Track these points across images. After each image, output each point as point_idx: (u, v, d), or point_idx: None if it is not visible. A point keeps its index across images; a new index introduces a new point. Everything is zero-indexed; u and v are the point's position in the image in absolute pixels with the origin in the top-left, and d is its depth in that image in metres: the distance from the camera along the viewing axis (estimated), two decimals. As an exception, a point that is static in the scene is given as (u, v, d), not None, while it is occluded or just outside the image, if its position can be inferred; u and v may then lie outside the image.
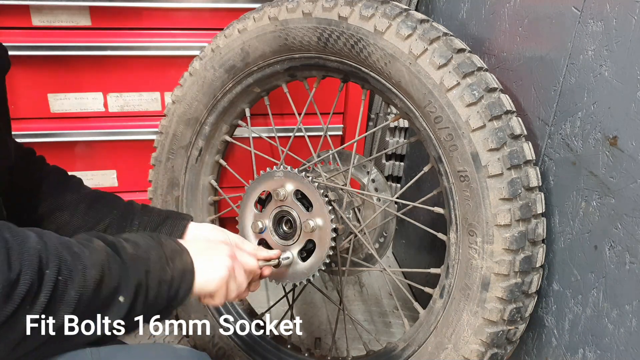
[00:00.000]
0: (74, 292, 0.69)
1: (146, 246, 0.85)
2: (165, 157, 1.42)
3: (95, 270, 0.73)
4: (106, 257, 0.77)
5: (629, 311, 0.87)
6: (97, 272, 0.73)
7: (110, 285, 0.75)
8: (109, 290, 0.75)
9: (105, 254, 0.77)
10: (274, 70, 1.27)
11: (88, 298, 0.71)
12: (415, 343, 1.20)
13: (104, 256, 0.76)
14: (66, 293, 0.68)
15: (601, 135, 0.91)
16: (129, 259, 0.80)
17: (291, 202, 1.17)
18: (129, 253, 0.81)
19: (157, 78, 1.66)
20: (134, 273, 0.79)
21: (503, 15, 1.20)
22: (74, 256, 0.72)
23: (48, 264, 0.67)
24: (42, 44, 1.52)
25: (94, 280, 0.72)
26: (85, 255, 0.73)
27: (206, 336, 1.46)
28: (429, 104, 1.04)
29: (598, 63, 0.91)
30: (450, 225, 1.11)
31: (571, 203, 1.01)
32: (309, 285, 1.36)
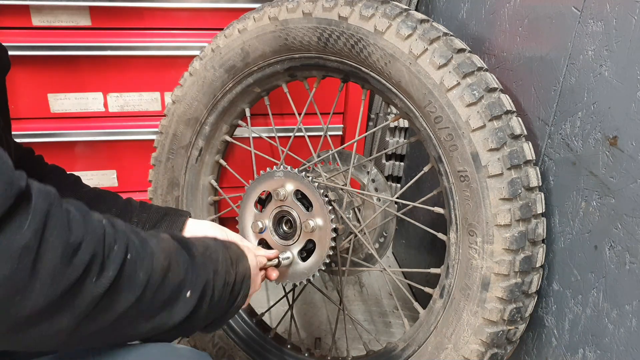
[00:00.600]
0: (142, 274, 0.66)
1: (214, 247, 0.84)
2: (165, 157, 1.42)
3: (164, 257, 0.71)
4: (174, 249, 0.75)
5: (629, 311, 0.87)
6: (165, 260, 0.71)
7: (177, 277, 0.73)
8: (176, 281, 0.72)
9: (174, 247, 0.75)
10: (274, 70, 1.27)
11: (156, 284, 0.69)
12: (415, 343, 1.20)
13: (173, 247, 0.74)
14: (135, 273, 0.65)
15: (601, 135, 0.91)
16: (198, 255, 0.78)
17: (291, 202, 1.17)
18: (198, 250, 0.79)
19: (157, 78, 1.66)
20: (202, 270, 0.78)
21: (503, 15, 1.20)
22: (142, 240, 0.69)
23: (116, 240, 0.64)
24: (42, 44, 1.52)
25: (162, 267, 0.70)
26: (153, 242, 0.71)
27: (206, 336, 1.47)
28: (429, 104, 1.04)
29: (598, 63, 0.91)
30: (450, 225, 1.11)
31: (571, 203, 1.01)
32: (309, 285, 1.36)
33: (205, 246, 0.82)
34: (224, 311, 0.84)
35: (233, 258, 0.87)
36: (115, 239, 0.65)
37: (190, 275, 0.75)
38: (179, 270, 0.73)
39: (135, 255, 0.66)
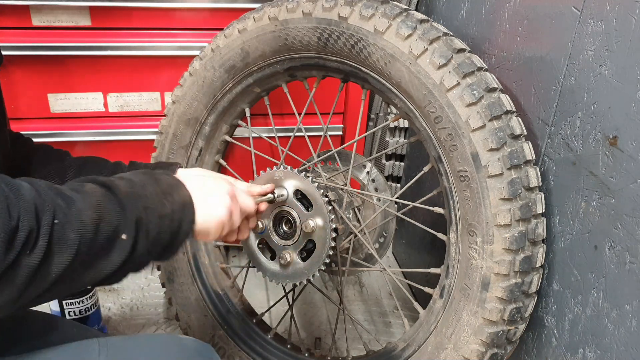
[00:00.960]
0: (73, 234, 0.68)
1: (141, 182, 0.83)
2: (165, 157, 1.42)
3: (92, 211, 0.72)
4: (101, 197, 0.75)
5: (629, 311, 0.87)
6: (93, 213, 0.72)
7: (109, 225, 0.74)
8: (108, 229, 0.73)
9: (100, 195, 0.75)
10: (274, 70, 1.27)
11: (89, 239, 0.71)
12: (415, 343, 1.20)
13: (99, 197, 0.75)
14: (65, 235, 0.68)
15: (601, 135, 0.91)
16: (124, 197, 0.77)
17: (291, 202, 1.17)
18: (123, 191, 0.78)
19: (157, 78, 1.66)
20: (131, 210, 0.77)
21: (503, 15, 1.20)
22: (68, 200, 0.71)
23: (44, 210, 0.66)
24: (42, 44, 1.52)
25: (92, 220, 0.71)
26: (79, 199, 0.72)
27: (206, 336, 1.47)
28: (429, 104, 1.04)
29: (598, 63, 0.91)
30: (450, 225, 1.11)
31: (571, 203, 1.01)
32: (309, 285, 1.36)
33: (131, 184, 0.81)
34: (169, 242, 0.84)
35: (165, 189, 0.85)
36: (42, 207, 0.67)
37: (121, 217, 0.76)
38: (110, 218, 0.74)
39: (62, 218, 0.68)
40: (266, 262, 1.23)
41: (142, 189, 0.82)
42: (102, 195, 0.76)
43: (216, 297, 1.47)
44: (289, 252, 1.19)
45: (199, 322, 1.47)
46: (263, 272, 1.25)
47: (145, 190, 0.82)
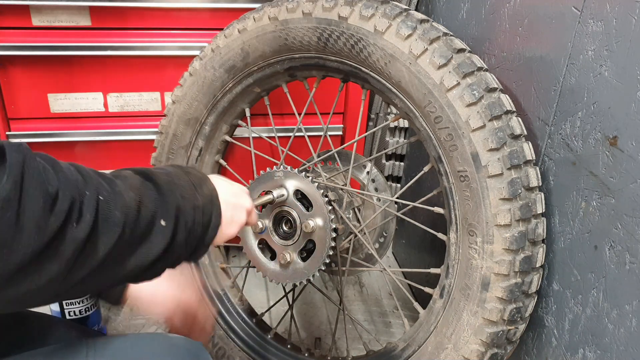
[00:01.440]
0: (118, 212, 0.67)
1: (175, 173, 0.83)
2: (165, 157, 1.42)
3: (134, 193, 0.71)
4: (140, 183, 0.75)
5: (629, 311, 0.87)
6: (135, 195, 0.71)
7: (149, 209, 0.73)
8: (149, 213, 0.73)
9: (139, 180, 0.76)
10: (274, 70, 1.27)
11: (133, 220, 0.70)
12: (415, 343, 1.20)
13: (138, 182, 0.75)
14: (111, 213, 0.67)
15: (601, 135, 0.91)
16: (163, 184, 0.78)
17: (291, 202, 1.17)
18: (162, 179, 0.79)
19: (157, 78, 1.66)
20: (171, 197, 0.77)
21: (503, 15, 1.20)
22: (109, 182, 0.70)
23: (86, 185, 0.65)
24: (42, 44, 1.52)
25: (134, 201, 0.71)
26: (119, 183, 0.71)
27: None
28: (429, 104, 1.04)
29: (598, 63, 0.91)
30: (450, 225, 1.11)
31: (571, 203, 1.01)
32: (309, 285, 1.36)
33: (167, 173, 0.82)
34: (201, 235, 0.84)
35: (195, 182, 0.86)
36: (85, 184, 0.66)
37: (160, 204, 0.75)
38: (149, 202, 0.74)
39: (107, 196, 0.67)
40: (266, 262, 1.23)
41: (178, 179, 0.82)
42: (140, 182, 0.76)
43: (216, 297, 1.47)
44: (289, 252, 1.19)
45: (199, 322, 1.47)
46: (263, 272, 1.25)
47: (180, 180, 0.82)
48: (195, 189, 0.84)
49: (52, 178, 0.61)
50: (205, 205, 0.84)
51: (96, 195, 0.66)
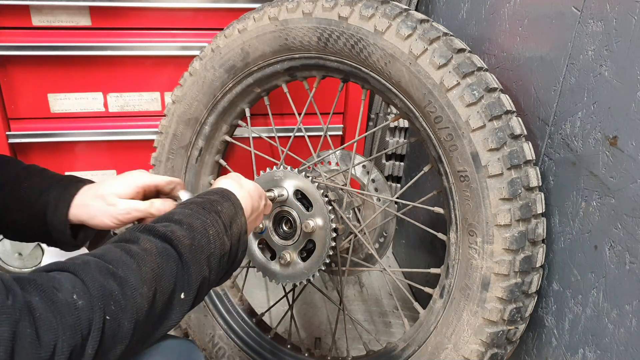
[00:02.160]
0: (127, 322, 0.64)
1: (203, 226, 0.78)
2: (165, 157, 1.42)
3: (147, 287, 0.67)
4: (160, 259, 0.70)
5: (629, 311, 0.87)
6: (149, 289, 0.67)
7: (166, 292, 0.70)
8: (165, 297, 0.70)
9: (158, 256, 0.71)
10: (274, 70, 1.27)
11: (144, 316, 0.67)
12: (415, 343, 1.20)
13: (157, 259, 0.70)
14: (119, 327, 0.63)
15: (601, 135, 0.91)
16: (187, 253, 0.73)
17: (291, 202, 1.17)
18: (186, 244, 0.74)
19: (157, 78, 1.66)
20: (195, 270, 0.74)
21: (503, 15, 1.20)
22: (120, 280, 0.65)
23: (92, 311, 0.60)
24: (42, 44, 1.53)
25: (147, 298, 0.67)
26: (134, 270, 0.67)
27: (206, 336, 1.47)
28: (429, 104, 1.04)
29: (598, 63, 0.91)
30: (450, 225, 1.11)
31: (571, 203, 1.01)
32: (309, 285, 1.36)
33: (192, 232, 0.76)
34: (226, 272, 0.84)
35: (226, 224, 0.82)
36: (91, 308, 0.61)
37: (181, 278, 0.73)
38: (167, 284, 0.71)
39: (115, 312, 0.63)
40: (266, 262, 1.23)
41: (205, 234, 0.78)
42: (160, 255, 0.71)
43: (216, 297, 1.47)
44: (289, 252, 1.19)
45: (199, 322, 1.47)
46: (263, 272, 1.25)
47: (208, 234, 0.78)
48: (225, 231, 0.81)
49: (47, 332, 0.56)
50: (232, 246, 0.83)
51: (102, 319, 0.62)
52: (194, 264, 0.75)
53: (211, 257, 0.78)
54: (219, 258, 0.80)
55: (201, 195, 0.88)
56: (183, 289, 0.73)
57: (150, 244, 0.72)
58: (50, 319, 0.57)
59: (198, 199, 0.85)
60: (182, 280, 0.73)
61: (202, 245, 0.77)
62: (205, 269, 0.77)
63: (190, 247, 0.75)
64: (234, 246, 0.83)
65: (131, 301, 0.65)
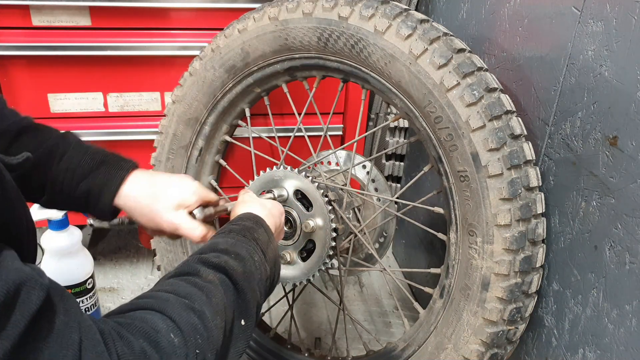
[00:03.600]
0: (210, 354, 0.68)
1: (248, 253, 0.82)
2: (165, 157, 1.42)
3: (220, 318, 0.71)
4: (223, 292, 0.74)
5: (629, 311, 0.87)
6: (221, 320, 0.71)
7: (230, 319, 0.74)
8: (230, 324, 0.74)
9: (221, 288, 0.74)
10: (274, 70, 1.27)
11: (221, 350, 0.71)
12: (415, 343, 1.20)
13: (221, 293, 0.74)
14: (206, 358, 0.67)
15: (601, 135, 0.91)
16: (241, 280, 0.77)
17: (291, 202, 1.17)
18: (239, 273, 0.78)
19: (157, 78, 1.66)
20: (249, 294, 0.78)
21: (503, 15, 1.20)
22: (200, 316, 0.68)
23: (188, 349, 0.64)
24: (42, 44, 1.52)
25: (222, 330, 0.71)
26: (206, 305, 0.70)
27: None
28: (429, 104, 1.04)
29: (598, 63, 0.91)
30: (450, 225, 1.11)
31: (571, 203, 1.01)
32: (309, 285, 1.36)
33: (241, 260, 0.80)
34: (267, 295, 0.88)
35: (264, 250, 0.86)
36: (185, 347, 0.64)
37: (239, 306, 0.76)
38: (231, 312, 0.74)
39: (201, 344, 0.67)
40: (266, 262, 1.23)
41: (252, 262, 0.82)
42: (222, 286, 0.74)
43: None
44: (289, 252, 1.19)
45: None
46: (263, 272, 1.25)
47: (254, 261, 0.82)
48: (264, 256, 0.85)
49: None
50: (271, 271, 0.87)
51: (194, 351, 0.65)
52: (249, 291, 0.78)
53: (260, 283, 0.82)
54: (264, 282, 0.84)
55: (235, 222, 0.90)
56: (242, 316, 0.77)
57: (211, 275, 0.75)
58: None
59: (235, 227, 0.88)
60: (241, 307, 0.77)
61: (252, 272, 0.81)
62: (257, 294, 0.80)
63: (243, 274, 0.78)
64: (272, 270, 0.88)
65: (211, 333, 0.68)
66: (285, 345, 1.43)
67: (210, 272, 0.75)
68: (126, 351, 0.58)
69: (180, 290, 0.70)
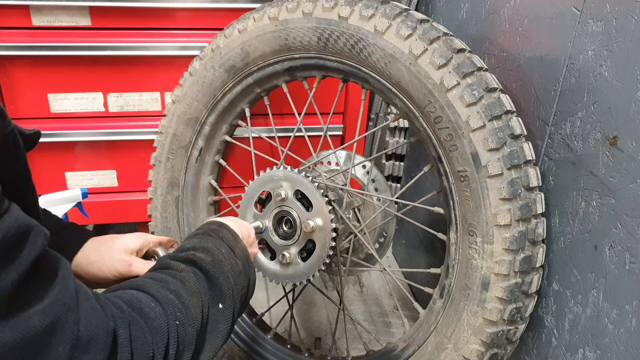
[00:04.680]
0: (190, 328, 0.73)
1: (214, 246, 0.87)
2: (165, 157, 1.42)
3: (196, 299, 0.76)
4: (194, 278, 0.79)
5: (629, 311, 0.87)
6: (197, 300, 0.76)
7: (206, 305, 0.78)
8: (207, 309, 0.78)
9: (191, 275, 0.79)
10: (274, 70, 1.27)
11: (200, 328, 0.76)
12: (415, 343, 1.20)
13: (192, 278, 0.79)
14: (186, 333, 0.72)
15: (601, 135, 0.91)
16: (211, 269, 0.82)
17: (291, 202, 1.17)
18: (208, 262, 0.82)
19: (157, 78, 1.66)
20: (224, 281, 0.82)
21: (503, 15, 1.20)
22: (177, 295, 0.74)
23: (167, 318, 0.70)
24: (42, 44, 1.53)
25: (199, 308, 0.76)
26: (181, 289, 0.75)
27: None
28: (429, 104, 1.04)
29: (598, 63, 0.91)
30: (450, 225, 1.11)
31: (571, 203, 1.01)
32: (309, 285, 1.36)
33: (208, 251, 0.85)
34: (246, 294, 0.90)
35: (231, 245, 0.90)
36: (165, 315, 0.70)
37: (214, 292, 0.81)
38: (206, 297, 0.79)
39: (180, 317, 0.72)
40: (266, 262, 1.23)
41: (219, 252, 0.86)
42: (194, 277, 0.79)
43: (216, 297, 1.47)
44: (289, 252, 1.19)
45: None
46: (263, 272, 1.25)
47: (221, 252, 0.87)
48: (232, 252, 0.89)
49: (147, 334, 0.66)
50: (244, 266, 0.90)
51: (174, 321, 0.70)
52: (221, 276, 0.83)
53: (230, 272, 0.85)
54: (237, 274, 0.87)
55: (198, 228, 0.95)
56: (219, 300, 0.81)
57: (182, 266, 0.80)
58: (145, 325, 0.66)
59: (199, 231, 0.93)
60: (215, 293, 0.81)
61: (221, 260, 0.85)
62: (230, 280, 0.84)
63: (212, 263, 0.83)
64: (245, 266, 0.90)
65: (189, 310, 0.73)
66: (285, 345, 1.43)
67: (180, 265, 0.80)
68: (116, 311, 0.63)
69: (155, 276, 0.77)
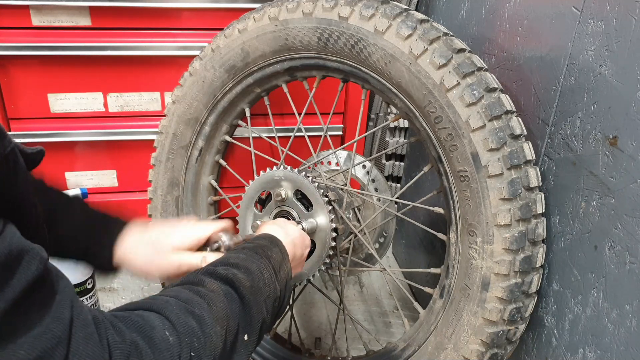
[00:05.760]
0: (206, 359, 0.68)
1: (258, 269, 0.82)
2: (165, 157, 1.42)
3: (220, 326, 0.71)
4: (226, 302, 0.74)
5: (629, 311, 0.87)
6: (221, 328, 0.71)
7: (233, 331, 0.74)
8: (232, 336, 0.74)
9: (224, 298, 0.75)
10: (274, 70, 1.27)
11: (219, 353, 0.71)
12: (415, 343, 1.20)
13: (224, 303, 0.74)
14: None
15: (601, 135, 0.91)
16: (247, 295, 0.77)
17: (291, 202, 1.17)
18: (246, 287, 0.78)
19: (157, 78, 1.66)
20: (255, 309, 0.78)
21: (503, 15, 1.20)
22: (199, 319, 0.69)
23: (182, 349, 0.65)
24: (42, 44, 1.52)
25: (221, 337, 0.71)
26: (206, 311, 0.71)
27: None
28: (429, 104, 1.04)
29: (598, 63, 0.91)
30: (450, 225, 1.11)
31: (571, 203, 1.01)
32: (309, 285, 1.36)
33: (249, 275, 0.80)
34: (274, 317, 0.87)
35: (276, 269, 0.86)
36: (180, 346, 0.65)
37: (244, 320, 0.76)
38: (234, 323, 0.74)
39: (197, 347, 0.67)
40: (266, 262, 1.23)
41: (260, 278, 0.82)
42: (226, 297, 0.75)
43: (216, 297, 1.47)
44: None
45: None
46: (263, 272, 1.25)
47: (263, 277, 0.82)
48: (276, 277, 0.85)
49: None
50: (281, 291, 0.87)
51: (189, 352, 0.66)
52: (255, 306, 0.78)
53: (267, 300, 0.82)
54: (272, 301, 0.83)
55: (251, 240, 0.91)
56: (246, 330, 0.77)
57: (215, 285, 0.75)
58: (150, 354, 0.62)
59: (249, 244, 0.89)
60: (245, 321, 0.77)
61: (260, 288, 0.81)
62: (263, 311, 0.80)
63: (251, 289, 0.79)
64: (282, 291, 0.87)
65: (209, 339, 0.69)
66: (285, 345, 1.43)
67: (215, 283, 0.76)
68: (117, 339, 0.59)
69: (181, 295, 0.71)
